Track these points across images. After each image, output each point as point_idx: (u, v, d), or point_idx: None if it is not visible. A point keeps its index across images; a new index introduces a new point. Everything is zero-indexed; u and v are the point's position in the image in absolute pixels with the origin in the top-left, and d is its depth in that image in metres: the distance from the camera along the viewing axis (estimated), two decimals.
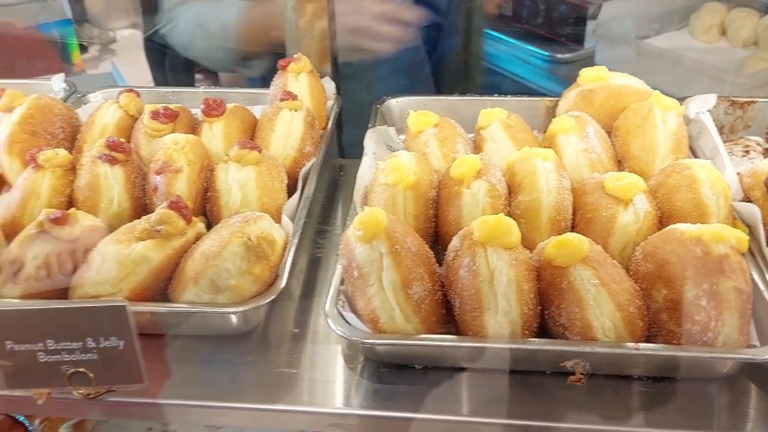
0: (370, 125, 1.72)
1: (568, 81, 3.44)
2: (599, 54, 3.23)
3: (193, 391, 1.19)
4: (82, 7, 3.96)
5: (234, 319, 1.22)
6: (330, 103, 1.82)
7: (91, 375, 1.12)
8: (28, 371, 1.13)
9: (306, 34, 1.96)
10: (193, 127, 1.63)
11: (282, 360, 1.25)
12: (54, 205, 1.37)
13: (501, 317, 1.08)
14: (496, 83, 3.10)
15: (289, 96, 1.58)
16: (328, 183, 1.78)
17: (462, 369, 1.18)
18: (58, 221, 1.21)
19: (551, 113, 1.81)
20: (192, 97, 1.91)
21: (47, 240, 1.22)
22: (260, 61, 2.26)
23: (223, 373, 1.22)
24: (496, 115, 1.55)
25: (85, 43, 4.27)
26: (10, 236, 1.32)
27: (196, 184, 1.39)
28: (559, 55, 3.53)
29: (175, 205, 1.25)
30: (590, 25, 3.22)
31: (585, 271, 1.10)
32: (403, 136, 1.76)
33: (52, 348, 1.11)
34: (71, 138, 1.63)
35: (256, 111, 1.73)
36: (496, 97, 1.86)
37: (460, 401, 1.14)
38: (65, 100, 1.86)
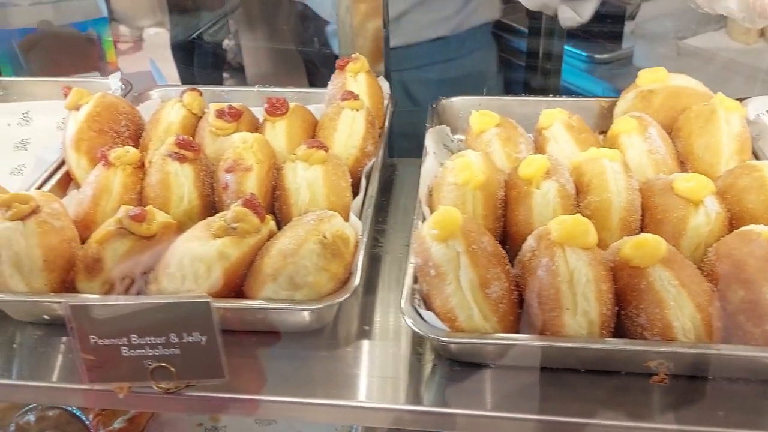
0: (428, 125, 1.73)
1: (606, 81, 3.44)
2: (638, 54, 3.22)
3: (267, 386, 1.21)
4: (108, 5, 4.03)
5: (311, 315, 1.23)
6: (385, 102, 1.83)
7: (173, 369, 1.14)
8: (111, 366, 1.15)
9: (360, 34, 1.97)
10: (255, 126, 1.65)
11: (352, 356, 1.27)
12: (125, 201, 1.40)
13: (580, 317, 1.09)
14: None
15: (351, 96, 1.60)
16: (383, 182, 1.79)
17: (533, 368, 1.18)
18: (137, 218, 1.23)
19: (606, 114, 1.82)
20: (243, 97, 1.92)
21: (126, 236, 1.24)
22: None
23: (296, 368, 1.23)
24: (557, 116, 1.56)
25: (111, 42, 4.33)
26: (82, 233, 1.35)
27: (265, 183, 1.41)
28: (597, 55, 3.53)
29: (250, 203, 1.27)
30: (628, 26, 3.21)
31: (664, 272, 1.10)
32: (458, 136, 1.78)
33: (135, 343, 1.13)
34: (135, 136, 1.66)
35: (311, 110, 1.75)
36: (550, 98, 1.87)
37: (534, 399, 1.14)
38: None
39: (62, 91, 1.61)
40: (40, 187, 1.55)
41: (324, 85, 1.84)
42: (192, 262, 1.20)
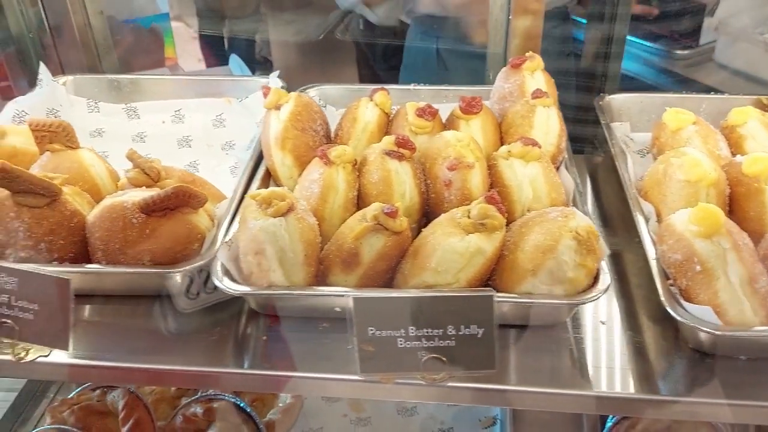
0: (603, 121, 1.78)
1: (685, 77, 3.47)
2: (720, 49, 3.26)
3: (514, 377, 1.25)
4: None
5: (569, 310, 1.27)
6: None
7: (445, 360, 1.18)
8: (385, 356, 1.19)
9: (517, 34, 2.00)
10: (442, 124, 1.68)
11: (598, 348, 1.30)
12: (350, 198, 1.43)
13: None
14: None
15: (542, 94, 1.63)
16: None
17: None
18: (391, 214, 1.27)
19: None
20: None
21: (380, 231, 1.27)
22: None
23: (545, 360, 1.27)
24: (751, 113, 1.59)
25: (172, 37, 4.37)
26: None
27: (485, 180, 1.44)
28: (678, 51, 3.57)
29: (492, 200, 1.30)
30: (707, 21, 3.25)
31: None
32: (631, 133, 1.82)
33: (413, 335, 1.17)
34: (327, 134, 1.69)
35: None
36: (711, 95, 1.91)
37: None
38: None
39: (262, 91, 1.65)
40: (247, 186, 1.59)
41: None
42: (453, 257, 1.23)
